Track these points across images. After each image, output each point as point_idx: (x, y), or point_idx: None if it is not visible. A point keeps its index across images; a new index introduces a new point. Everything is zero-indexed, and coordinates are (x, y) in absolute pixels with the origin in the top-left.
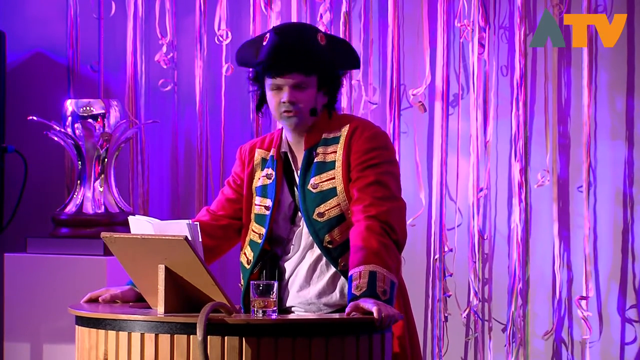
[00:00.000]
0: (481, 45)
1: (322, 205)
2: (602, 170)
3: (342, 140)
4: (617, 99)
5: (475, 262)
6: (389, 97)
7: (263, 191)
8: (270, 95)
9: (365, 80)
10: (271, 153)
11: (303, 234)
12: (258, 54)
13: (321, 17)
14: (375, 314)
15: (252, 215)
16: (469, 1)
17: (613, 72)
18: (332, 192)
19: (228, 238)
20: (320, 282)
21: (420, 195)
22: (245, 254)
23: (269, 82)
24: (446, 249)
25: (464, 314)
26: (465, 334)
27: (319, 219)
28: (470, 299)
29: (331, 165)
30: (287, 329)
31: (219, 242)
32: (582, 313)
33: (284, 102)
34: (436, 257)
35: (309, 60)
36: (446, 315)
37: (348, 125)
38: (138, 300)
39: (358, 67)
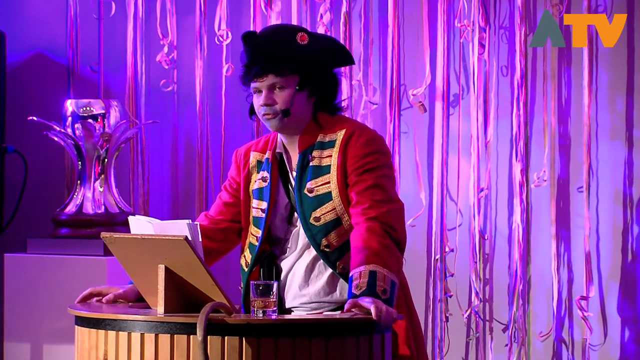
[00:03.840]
0: (481, 45)
1: (318, 210)
2: (602, 170)
3: (337, 144)
4: (617, 99)
5: (476, 262)
6: (389, 97)
7: (259, 194)
8: (253, 99)
9: (365, 80)
10: (266, 155)
11: (300, 233)
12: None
13: (321, 17)
14: (373, 311)
15: (251, 218)
16: (469, 1)
17: (613, 72)
18: (327, 197)
19: (228, 240)
20: (319, 281)
21: (421, 196)
22: (244, 256)
23: (251, 86)
24: (447, 249)
25: (465, 314)
26: (466, 334)
27: (315, 223)
28: (471, 299)
29: (327, 170)
30: (287, 329)
31: (220, 244)
32: (583, 313)
33: (261, 105)
34: (437, 257)
35: (280, 60)
36: (447, 315)
37: (344, 129)
38: (139, 300)
39: (351, 63)
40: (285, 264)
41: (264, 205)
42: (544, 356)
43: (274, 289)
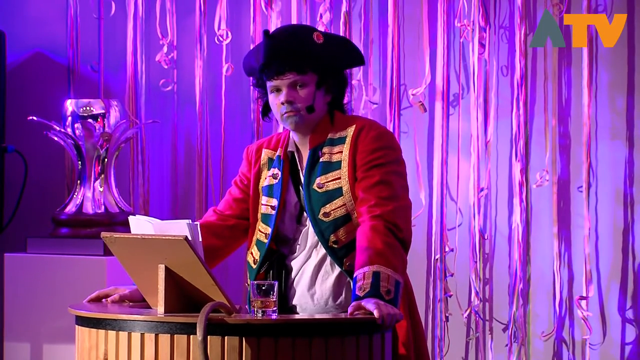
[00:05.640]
0: (481, 45)
1: (327, 205)
2: (602, 170)
3: (348, 140)
4: (617, 99)
5: (476, 262)
6: (389, 97)
7: (269, 191)
8: (271, 98)
9: (365, 80)
10: (278, 153)
11: (309, 233)
12: (258, 60)
13: (321, 16)
14: (376, 314)
15: (259, 215)
16: (469, 1)
17: (613, 72)
18: (337, 192)
19: (235, 238)
20: (325, 282)
21: (421, 195)
22: (252, 253)
23: (268, 85)
24: (447, 249)
25: (465, 314)
26: (466, 334)
27: (324, 219)
28: (471, 299)
29: (337, 165)
30: (287, 329)
31: (227, 242)
32: (583, 313)
33: (282, 103)
34: (437, 257)
35: (301, 58)
36: (447, 315)
37: (354, 125)
38: (145, 300)
39: (362, 63)
40: (295, 264)
41: (274, 202)
42: (544, 356)
43: (275, 289)
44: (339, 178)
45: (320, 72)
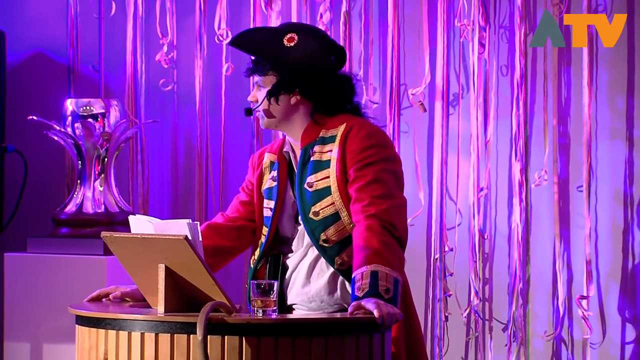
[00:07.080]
0: (481, 44)
1: (317, 204)
2: (602, 170)
3: (337, 139)
4: (617, 99)
5: (475, 261)
6: (389, 96)
7: (269, 193)
8: None
9: (365, 79)
10: (277, 155)
11: (305, 232)
12: None
13: (321, 16)
14: (375, 314)
15: (262, 218)
16: (469, 1)
17: (613, 72)
18: (327, 191)
19: (242, 238)
20: (320, 280)
21: (420, 195)
22: (254, 254)
23: None
24: (446, 248)
25: (465, 314)
26: (465, 333)
27: (314, 218)
28: (471, 299)
29: (326, 164)
30: (287, 328)
31: (234, 243)
32: (583, 313)
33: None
34: (436, 256)
35: (259, 59)
36: (446, 314)
37: (345, 124)
38: (145, 299)
39: (338, 69)
40: (291, 262)
41: (272, 204)
42: (544, 356)
43: (275, 289)
44: (328, 177)
45: (281, 75)
